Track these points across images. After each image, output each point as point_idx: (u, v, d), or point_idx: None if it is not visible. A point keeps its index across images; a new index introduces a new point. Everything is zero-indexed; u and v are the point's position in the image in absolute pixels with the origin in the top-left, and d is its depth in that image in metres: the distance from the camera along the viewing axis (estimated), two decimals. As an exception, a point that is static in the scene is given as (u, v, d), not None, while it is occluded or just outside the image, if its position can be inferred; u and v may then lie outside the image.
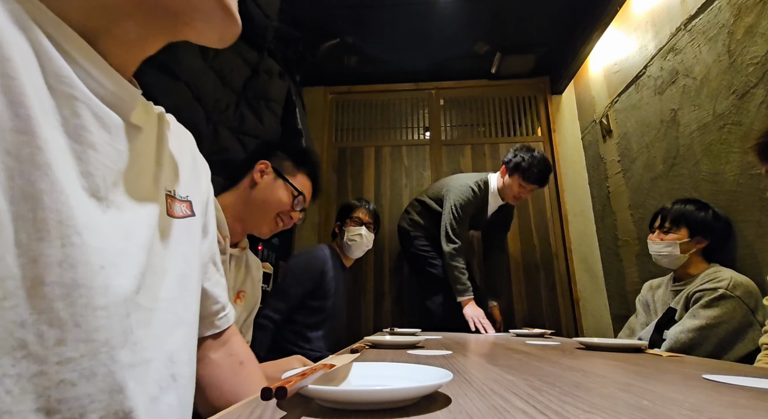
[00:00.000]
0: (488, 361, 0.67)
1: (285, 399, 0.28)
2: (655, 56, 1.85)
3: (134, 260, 0.34)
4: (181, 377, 0.39)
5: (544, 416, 0.31)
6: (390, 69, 2.82)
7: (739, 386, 0.46)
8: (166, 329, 0.38)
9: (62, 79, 0.29)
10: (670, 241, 1.37)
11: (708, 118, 1.53)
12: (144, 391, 0.34)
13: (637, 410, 0.33)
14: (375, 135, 2.97)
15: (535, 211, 2.67)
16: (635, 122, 2.03)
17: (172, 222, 0.41)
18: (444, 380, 0.35)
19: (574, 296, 2.50)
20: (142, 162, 0.38)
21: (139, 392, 0.33)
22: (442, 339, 1.23)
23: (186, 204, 0.44)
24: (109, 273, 0.31)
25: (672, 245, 1.36)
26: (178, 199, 0.43)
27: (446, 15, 2.30)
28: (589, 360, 0.70)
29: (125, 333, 0.32)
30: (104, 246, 0.31)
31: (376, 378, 0.43)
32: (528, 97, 2.91)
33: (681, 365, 0.67)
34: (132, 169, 0.35)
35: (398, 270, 2.65)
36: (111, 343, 0.30)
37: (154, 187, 0.39)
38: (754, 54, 1.31)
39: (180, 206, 0.43)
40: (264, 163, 1.00)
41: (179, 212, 0.43)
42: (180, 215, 0.43)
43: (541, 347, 0.96)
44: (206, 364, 0.53)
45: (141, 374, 0.34)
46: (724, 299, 1.18)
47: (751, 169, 1.34)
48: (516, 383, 0.46)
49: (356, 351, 0.76)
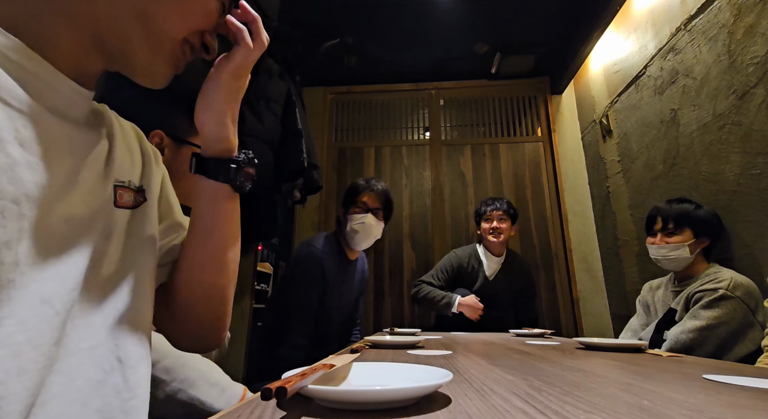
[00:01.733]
0: (488, 361, 0.67)
1: (285, 399, 0.28)
2: (655, 56, 1.85)
3: (81, 250, 0.37)
4: (128, 358, 0.41)
5: (544, 416, 0.31)
6: (390, 69, 2.82)
7: (740, 386, 0.46)
8: (110, 315, 0.40)
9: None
10: (678, 244, 1.34)
11: (708, 118, 1.53)
12: (84, 376, 0.36)
13: (637, 410, 0.33)
14: (375, 135, 2.97)
15: (535, 211, 2.67)
16: (635, 122, 2.03)
17: (121, 212, 0.44)
18: (444, 380, 0.35)
19: (574, 296, 2.50)
20: (89, 158, 0.40)
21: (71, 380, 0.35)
22: (442, 339, 1.23)
23: (140, 194, 0.47)
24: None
25: (680, 247, 1.33)
26: (131, 189, 0.46)
27: (446, 15, 2.30)
28: (589, 360, 0.70)
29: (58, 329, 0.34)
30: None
31: (376, 378, 0.42)
32: (528, 97, 2.91)
33: (681, 365, 0.67)
34: (76, 163, 0.38)
35: (398, 270, 2.65)
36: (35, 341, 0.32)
37: (102, 181, 0.41)
38: (754, 54, 1.31)
39: (132, 196, 0.46)
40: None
41: (130, 202, 0.45)
42: (132, 204, 0.45)
43: (541, 347, 0.96)
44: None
45: (78, 361, 0.36)
46: (724, 299, 1.18)
47: (751, 169, 1.34)
48: (516, 383, 0.46)
49: (356, 351, 0.76)
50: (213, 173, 0.49)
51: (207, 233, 0.50)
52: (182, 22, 0.41)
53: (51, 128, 0.35)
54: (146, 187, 0.49)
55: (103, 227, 0.41)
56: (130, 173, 0.46)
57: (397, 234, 2.70)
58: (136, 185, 0.47)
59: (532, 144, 2.81)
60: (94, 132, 0.41)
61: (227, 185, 0.50)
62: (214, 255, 0.51)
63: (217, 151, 0.49)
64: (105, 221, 0.41)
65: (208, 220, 0.50)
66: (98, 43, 0.39)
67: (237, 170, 0.49)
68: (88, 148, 0.40)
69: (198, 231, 0.51)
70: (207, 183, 0.49)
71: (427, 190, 2.78)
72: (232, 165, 0.49)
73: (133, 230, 0.45)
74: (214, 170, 0.49)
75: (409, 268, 2.64)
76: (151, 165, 0.51)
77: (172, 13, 0.40)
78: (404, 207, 2.76)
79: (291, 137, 1.75)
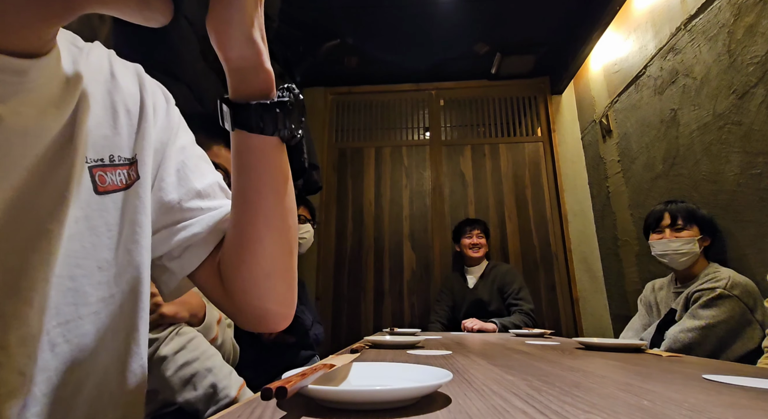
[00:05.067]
0: (488, 361, 0.67)
1: (285, 399, 0.28)
2: (655, 56, 1.85)
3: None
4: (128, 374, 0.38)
5: (544, 416, 0.31)
6: (390, 70, 2.82)
7: (740, 386, 0.46)
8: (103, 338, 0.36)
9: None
10: (689, 238, 1.34)
11: (708, 118, 1.53)
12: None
13: (637, 410, 0.33)
14: (375, 135, 2.97)
15: (535, 211, 2.67)
16: (635, 121, 2.03)
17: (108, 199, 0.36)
18: (444, 380, 0.35)
19: (574, 296, 2.50)
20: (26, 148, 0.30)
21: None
22: (442, 339, 1.23)
23: (132, 167, 0.38)
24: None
25: (691, 241, 1.34)
26: (115, 165, 0.36)
27: (446, 16, 2.30)
28: (589, 360, 0.70)
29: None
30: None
31: (376, 378, 0.43)
32: (528, 97, 2.91)
33: (681, 365, 0.67)
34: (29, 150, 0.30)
35: (398, 270, 2.65)
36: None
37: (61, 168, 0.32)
38: (754, 54, 1.31)
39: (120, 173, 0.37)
40: None
41: (119, 182, 0.37)
42: (119, 185, 0.37)
43: (541, 347, 0.96)
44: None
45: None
46: (722, 298, 1.18)
47: (751, 169, 1.34)
48: (516, 383, 0.46)
49: (356, 351, 0.76)
50: (258, 125, 0.37)
51: (257, 198, 0.40)
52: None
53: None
54: (139, 157, 0.38)
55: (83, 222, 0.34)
56: (110, 143, 0.36)
57: (397, 234, 2.70)
58: (125, 157, 0.37)
59: (532, 144, 2.81)
60: (37, 111, 0.30)
61: (276, 136, 0.38)
62: (269, 224, 0.41)
63: (255, 85, 0.37)
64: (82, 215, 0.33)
65: (257, 183, 0.39)
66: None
67: (288, 115, 0.38)
68: (21, 135, 0.29)
69: (246, 197, 0.40)
70: (249, 138, 0.38)
71: (427, 190, 2.78)
72: (278, 110, 0.37)
73: (126, 218, 0.37)
74: (259, 119, 0.37)
75: (409, 268, 2.64)
76: (148, 122, 0.40)
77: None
78: (404, 207, 2.76)
79: (291, 137, 1.76)
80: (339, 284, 2.64)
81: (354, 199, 2.79)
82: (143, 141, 0.39)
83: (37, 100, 0.30)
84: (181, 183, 0.43)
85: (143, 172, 0.39)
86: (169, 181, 0.42)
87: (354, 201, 2.79)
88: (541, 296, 2.52)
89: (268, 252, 0.42)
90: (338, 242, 2.71)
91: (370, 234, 2.71)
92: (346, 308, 2.60)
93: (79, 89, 0.34)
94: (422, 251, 2.66)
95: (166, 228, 0.42)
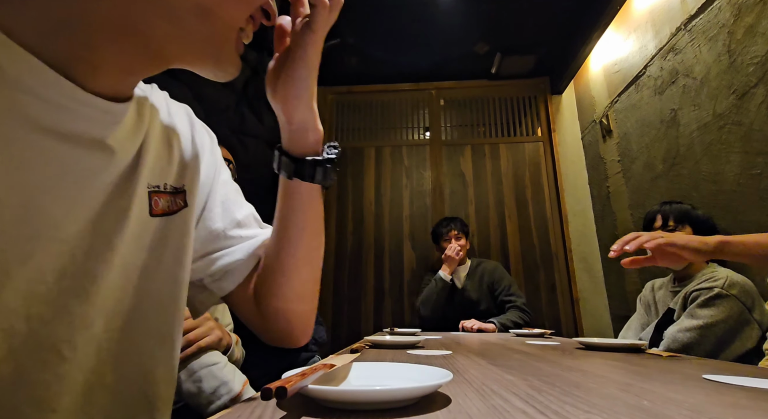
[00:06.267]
0: (488, 361, 0.67)
1: (285, 399, 0.28)
2: (655, 56, 1.85)
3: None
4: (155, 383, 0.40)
5: (544, 416, 0.31)
6: (390, 69, 2.82)
7: (740, 386, 0.46)
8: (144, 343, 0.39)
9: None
10: None
11: (708, 118, 1.53)
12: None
13: (637, 410, 0.33)
14: (375, 135, 2.97)
15: (535, 211, 2.67)
16: (635, 121, 2.03)
17: (157, 221, 0.40)
18: (444, 380, 0.35)
19: (574, 296, 2.50)
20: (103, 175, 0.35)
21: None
22: (442, 339, 1.23)
23: (179, 196, 0.43)
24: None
25: None
26: (168, 192, 0.41)
27: (446, 15, 2.30)
28: (589, 360, 0.70)
29: None
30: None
31: (376, 378, 0.42)
32: (528, 97, 2.91)
33: (681, 365, 0.67)
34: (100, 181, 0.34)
35: (398, 270, 2.65)
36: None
37: (126, 192, 0.37)
38: (754, 54, 1.31)
39: (170, 200, 0.41)
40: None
41: (167, 207, 0.41)
42: (168, 209, 0.41)
43: (541, 347, 0.96)
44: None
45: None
46: (720, 298, 1.19)
47: (751, 169, 1.34)
48: (516, 383, 0.46)
49: (356, 351, 0.76)
50: (310, 175, 0.45)
51: (299, 234, 0.48)
52: (244, 4, 0.36)
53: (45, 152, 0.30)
54: (188, 187, 0.43)
55: (138, 240, 0.38)
56: (165, 172, 0.41)
57: (398, 234, 2.70)
58: (173, 185, 0.42)
59: (532, 144, 2.81)
60: (119, 145, 0.35)
61: (320, 184, 0.46)
62: (307, 256, 0.49)
63: (308, 143, 0.45)
64: (136, 233, 0.38)
65: (301, 221, 0.47)
66: (150, 50, 0.33)
67: (334, 168, 0.46)
68: (103, 164, 0.34)
69: (289, 233, 0.47)
70: (299, 185, 0.46)
71: (428, 190, 2.78)
72: (328, 165, 0.45)
73: (170, 240, 0.41)
74: (312, 171, 0.45)
75: (409, 268, 2.64)
76: (198, 159, 0.45)
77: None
78: (404, 207, 2.76)
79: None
80: (339, 284, 2.64)
81: (354, 199, 2.79)
82: (192, 174, 0.44)
83: (120, 133, 0.35)
84: (225, 214, 0.49)
85: (190, 201, 0.44)
86: (216, 212, 0.48)
87: (354, 201, 2.79)
88: (541, 296, 2.52)
89: (302, 279, 0.49)
90: (338, 242, 2.71)
91: (370, 234, 2.71)
92: (346, 308, 2.60)
93: (146, 125, 0.39)
94: (422, 251, 2.66)
95: (211, 254, 0.48)
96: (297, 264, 0.48)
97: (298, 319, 0.51)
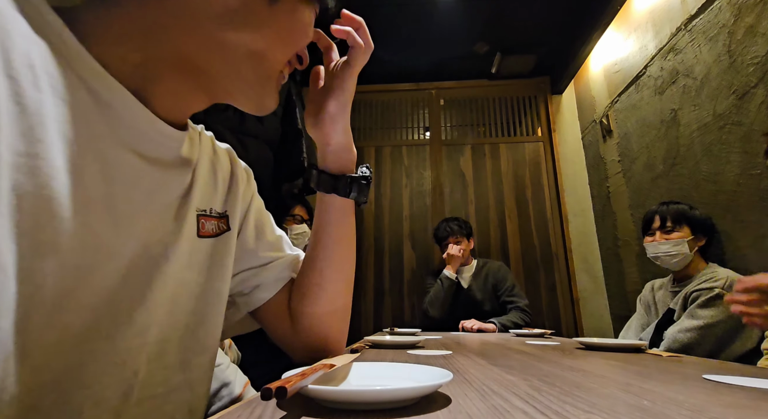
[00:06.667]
0: (488, 361, 0.67)
1: (285, 399, 0.28)
2: (656, 56, 1.85)
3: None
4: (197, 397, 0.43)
5: (544, 416, 0.31)
6: (390, 69, 2.82)
7: (740, 386, 0.46)
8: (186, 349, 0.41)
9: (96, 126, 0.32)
10: (678, 239, 1.35)
11: (708, 118, 1.53)
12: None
13: (637, 410, 0.33)
14: (375, 135, 2.97)
15: (535, 211, 2.67)
16: (635, 122, 2.03)
17: (204, 242, 0.44)
18: (444, 380, 0.35)
19: (574, 296, 2.50)
20: (166, 194, 0.40)
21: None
22: (442, 339, 1.23)
23: (223, 220, 0.47)
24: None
25: (680, 243, 1.34)
26: (213, 216, 0.46)
27: (446, 15, 2.30)
28: (589, 360, 0.70)
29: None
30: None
31: (376, 378, 0.42)
32: (528, 97, 2.91)
33: (681, 365, 0.67)
34: (156, 202, 0.38)
35: (398, 270, 2.65)
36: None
37: (179, 213, 0.41)
38: (754, 54, 1.31)
39: (215, 224, 0.46)
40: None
41: (213, 230, 0.45)
42: (214, 232, 0.45)
43: (541, 347, 0.96)
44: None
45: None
46: (720, 298, 1.19)
47: (751, 169, 1.34)
48: (516, 383, 0.46)
49: (356, 351, 0.76)
50: (345, 191, 0.51)
51: (334, 247, 0.52)
52: (287, 48, 0.41)
53: (125, 166, 0.34)
54: (230, 212, 0.48)
55: (186, 258, 0.41)
56: (211, 199, 0.46)
57: (397, 234, 2.70)
58: (218, 211, 0.47)
59: (532, 144, 2.81)
60: (178, 170, 0.41)
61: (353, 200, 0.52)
62: (340, 267, 0.53)
63: (344, 162, 0.51)
64: (186, 252, 0.41)
65: (336, 234, 0.52)
66: (207, 86, 0.39)
67: (367, 185, 0.51)
68: (167, 185, 0.39)
69: (324, 244, 0.52)
70: (336, 200, 0.52)
71: (428, 190, 2.78)
72: (363, 181, 0.51)
73: (215, 260, 0.45)
74: (347, 187, 0.51)
75: (410, 268, 2.64)
76: (237, 189, 0.51)
77: (278, 45, 0.40)
78: (404, 207, 2.76)
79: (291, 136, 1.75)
80: (339, 284, 2.63)
81: (354, 199, 2.79)
82: (233, 201, 0.49)
83: (180, 159, 0.41)
84: (258, 236, 0.53)
85: (232, 225, 0.48)
86: (250, 234, 0.52)
87: (354, 201, 2.78)
88: (541, 296, 2.52)
89: (337, 290, 0.54)
90: (338, 241, 2.71)
91: (370, 234, 2.71)
92: (346, 308, 2.60)
93: (197, 154, 0.44)
94: (422, 251, 2.66)
95: (245, 271, 0.52)
96: (332, 275, 0.53)
97: (332, 332, 0.55)
